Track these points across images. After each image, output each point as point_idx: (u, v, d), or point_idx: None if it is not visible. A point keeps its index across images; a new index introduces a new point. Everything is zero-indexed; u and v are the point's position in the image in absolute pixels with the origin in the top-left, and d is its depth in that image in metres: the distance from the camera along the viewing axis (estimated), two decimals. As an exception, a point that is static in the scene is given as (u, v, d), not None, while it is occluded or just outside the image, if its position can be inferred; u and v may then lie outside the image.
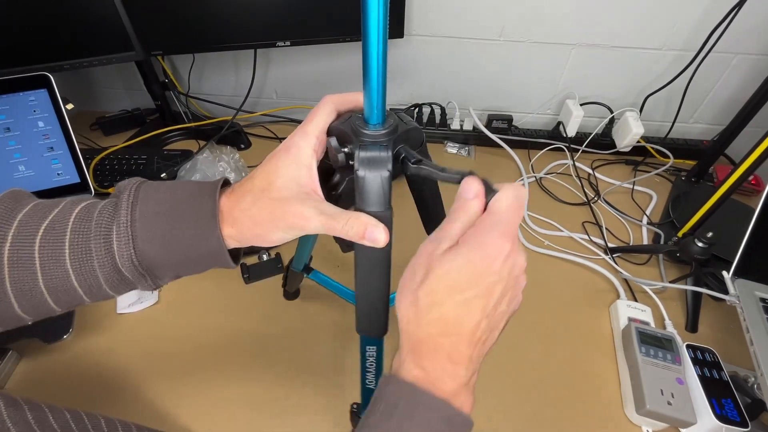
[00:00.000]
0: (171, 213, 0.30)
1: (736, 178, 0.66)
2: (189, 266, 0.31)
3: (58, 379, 0.60)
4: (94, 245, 0.29)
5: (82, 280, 0.29)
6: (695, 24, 0.86)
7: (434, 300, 0.27)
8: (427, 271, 0.27)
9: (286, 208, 0.29)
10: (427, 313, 0.27)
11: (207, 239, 0.30)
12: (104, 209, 0.30)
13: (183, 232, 0.29)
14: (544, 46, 0.93)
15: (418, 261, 0.28)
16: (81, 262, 0.29)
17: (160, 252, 0.29)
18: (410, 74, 1.00)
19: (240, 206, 0.30)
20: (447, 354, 0.27)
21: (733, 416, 0.53)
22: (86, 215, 0.30)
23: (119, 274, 0.30)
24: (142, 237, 0.29)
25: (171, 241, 0.29)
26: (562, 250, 0.79)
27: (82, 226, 0.29)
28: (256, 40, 0.85)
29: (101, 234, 0.29)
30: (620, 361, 0.63)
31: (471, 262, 0.27)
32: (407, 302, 0.28)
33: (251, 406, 0.58)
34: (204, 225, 0.29)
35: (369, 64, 0.27)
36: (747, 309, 0.60)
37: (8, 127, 0.70)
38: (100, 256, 0.29)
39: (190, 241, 0.30)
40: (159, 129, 0.98)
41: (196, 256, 0.30)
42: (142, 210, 0.29)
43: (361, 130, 0.30)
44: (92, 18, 0.76)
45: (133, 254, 0.29)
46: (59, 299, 0.30)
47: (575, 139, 0.99)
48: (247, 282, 0.71)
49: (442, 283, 0.27)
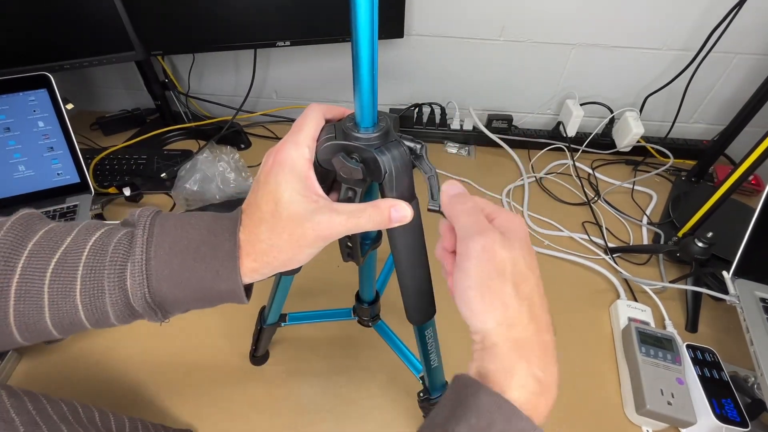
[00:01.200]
0: (188, 252, 0.29)
1: (736, 178, 0.66)
2: (201, 303, 0.30)
3: (58, 379, 0.60)
4: (108, 283, 0.28)
5: (89, 315, 0.28)
6: (695, 24, 0.86)
7: (522, 293, 0.26)
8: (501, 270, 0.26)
9: (305, 225, 0.28)
10: (524, 310, 0.26)
11: (225, 280, 0.29)
12: (119, 244, 0.29)
13: (201, 273, 0.28)
14: (544, 46, 0.93)
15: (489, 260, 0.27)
16: (92, 298, 0.28)
17: (174, 290, 0.29)
18: (410, 74, 1.00)
19: (259, 238, 0.29)
20: (552, 350, 0.27)
21: (733, 416, 0.53)
22: (101, 249, 0.29)
23: (130, 309, 0.29)
24: (158, 276, 0.28)
25: (188, 281, 0.28)
26: (562, 250, 0.79)
27: (96, 261, 0.28)
28: (256, 40, 0.85)
29: (115, 272, 0.28)
30: (620, 361, 0.63)
31: (524, 243, 0.28)
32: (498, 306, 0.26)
33: (251, 406, 0.58)
34: (223, 266, 0.28)
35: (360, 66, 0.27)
36: (747, 309, 0.60)
37: (8, 127, 0.70)
38: (113, 294, 0.28)
39: (208, 282, 0.29)
40: (159, 129, 0.98)
41: (211, 295, 0.29)
42: (158, 247, 0.28)
43: (353, 134, 0.30)
44: (92, 18, 0.76)
45: (146, 292, 0.28)
46: (63, 329, 0.29)
47: (575, 139, 0.99)
48: (247, 282, 0.71)
49: (519, 273, 0.27)
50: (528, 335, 0.26)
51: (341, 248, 0.40)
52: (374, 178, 0.31)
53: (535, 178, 0.95)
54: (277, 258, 0.29)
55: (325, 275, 0.73)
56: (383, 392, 0.60)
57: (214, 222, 0.30)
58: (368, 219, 0.28)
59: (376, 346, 0.63)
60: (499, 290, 0.26)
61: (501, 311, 0.26)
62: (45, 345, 0.61)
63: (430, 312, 0.40)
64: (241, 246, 0.29)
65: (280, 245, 0.28)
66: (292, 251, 0.29)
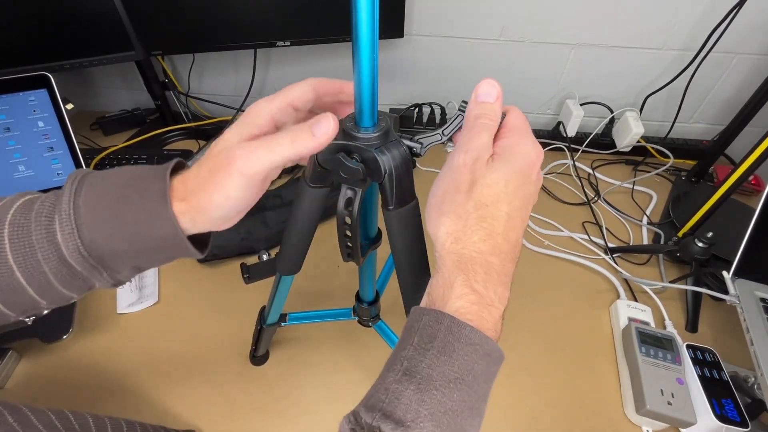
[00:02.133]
0: (117, 197, 0.27)
1: (736, 178, 0.66)
2: (146, 255, 0.28)
3: (58, 379, 0.60)
4: (36, 237, 0.26)
5: (29, 277, 0.27)
6: (695, 24, 0.86)
7: (483, 214, 0.26)
8: (472, 182, 0.26)
9: (223, 154, 0.27)
10: (478, 228, 0.26)
11: (158, 221, 0.27)
12: (45, 200, 0.27)
13: (130, 216, 0.27)
14: (544, 46, 0.93)
15: (458, 173, 0.27)
16: (24, 256, 0.26)
17: (109, 240, 0.27)
18: (410, 74, 1.00)
19: (188, 177, 0.28)
20: (497, 274, 0.26)
21: (733, 416, 0.53)
22: (26, 208, 0.27)
23: (69, 269, 0.27)
24: (88, 225, 0.26)
25: (119, 227, 0.27)
26: (563, 250, 0.79)
27: (22, 219, 0.27)
28: (256, 40, 0.85)
29: (42, 224, 0.26)
30: (620, 361, 0.63)
31: (516, 171, 0.26)
32: (452, 218, 0.26)
33: (251, 406, 0.58)
34: (152, 205, 0.27)
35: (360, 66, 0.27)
36: (747, 309, 0.60)
37: (8, 127, 0.70)
38: (43, 248, 0.26)
39: (140, 226, 0.27)
40: (159, 129, 0.98)
41: (150, 242, 0.27)
42: (87, 197, 0.27)
43: (353, 133, 0.30)
44: (92, 18, 0.76)
45: (79, 244, 0.26)
46: (8, 300, 0.28)
47: (575, 139, 0.99)
48: (247, 282, 0.71)
49: (490, 194, 0.26)
50: (472, 254, 0.26)
51: (341, 248, 0.40)
52: (374, 178, 0.31)
53: (535, 178, 0.95)
54: (197, 196, 0.27)
55: (325, 275, 0.73)
56: (383, 392, 0.60)
57: (146, 169, 0.28)
58: (289, 142, 0.27)
59: (376, 346, 0.63)
60: (459, 203, 0.26)
61: (452, 223, 0.26)
62: (45, 345, 0.61)
63: None
64: (173, 187, 0.27)
65: (202, 178, 0.27)
66: (211, 188, 0.27)
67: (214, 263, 0.75)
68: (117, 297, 0.68)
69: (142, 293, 0.69)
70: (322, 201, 0.36)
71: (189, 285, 0.71)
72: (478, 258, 0.26)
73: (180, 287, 0.71)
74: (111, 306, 0.67)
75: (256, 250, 0.74)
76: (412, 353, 0.24)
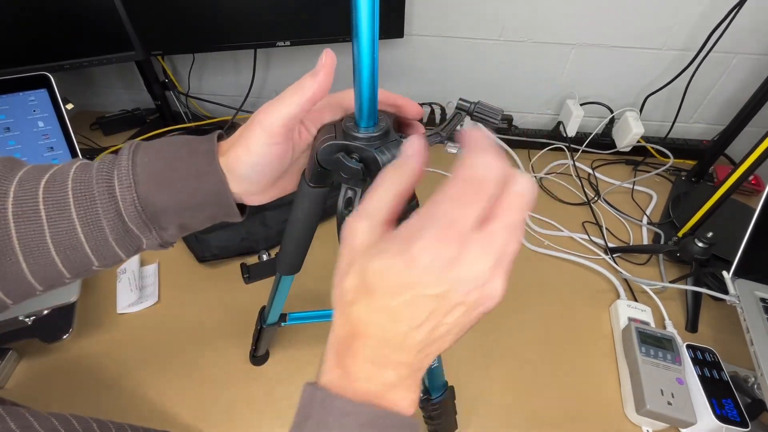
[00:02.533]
0: (170, 155, 0.30)
1: (736, 178, 0.66)
2: (192, 212, 0.31)
3: (58, 379, 0.60)
4: (98, 191, 0.29)
5: (87, 232, 0.29)
6: (695, 24, 0.86)
7: (349, 299, 0.23)
8: (349, 262, 0.24)
9: (253, 116, 0.30)
10: (346, 312, 0.24)
11: (206, 176, 0.30)
12: (104, 160, 0.30)
13: (182, 171, 0.30)
14: (544, 46, 0.93)
15: (342, 248, 0.25)
16: (86, 210, 0.29)
17: (161, 193, 0.29)
18: (410, 74, 1.00)
19: (227, 141, 0.31)
20: (368, 357, 0.24)
21: (733, 416, 0.53)
22: (86, 167, 0.30)
23: (123, 224, 0.29)
24: (143, 180, 0.29)
25: (171, 182, 0.29)
26: (562, 250, 0.79)
27: (84, 175, 0.29)
28: (256, 40, 0.85)
29: (103, 179, 0.29)
30: (620, 361, 0.63)
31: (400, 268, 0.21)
32: (334, 293, 0.25)
33: (251, 406, 0.58)
34: (200, 161, 0.30)
35: (360, 66, 0.27)
36: (747, 309, 0.60)
37: (8, 127, 0.70)
38: (104, 201, 0.29)
39: (190, 180, 0.30)
40: (159, 129, 0.98)
41: (198, 197, 0.30)
42: (143, 156, 0.30)
43: (353, 133, 0.30)
44: (92, 18, 0.76)
45: (135, 198, 0.29)
46: (67, 258, 0.30)
47: (575, 139, 0.99)
48: (247, 282, 0.71)
49: (360, 281, 0.23)
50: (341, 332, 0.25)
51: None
52: (374, 178, 0.31)
53: (535, 178, 0.95)
54: (230, 156, 0.30)
55: (326, 275, 0.72)
56: (383, 392, 0.60)
57: (194, 136, 0.32)
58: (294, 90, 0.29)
59: (376, 346, 0.63)
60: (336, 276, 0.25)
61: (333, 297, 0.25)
62: (45, 345, 0.61)
63: None
64: (220, 148, 0.31)
65: (233, 140, 0.31)
66: (238, 143, 0.30)
67: (214, 263, 0.75)
68: (117, 297, 0.68)
69: (142, 293, 0.69)
70: (322, 201, 0.36)
71: (189, 285, 0.71)
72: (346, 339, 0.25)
73: (180, 287, 0.71)
74: (111, 306, 0.68)
75: (256, 250, 0.74)
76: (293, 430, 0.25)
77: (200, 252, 0.73)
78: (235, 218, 0.33)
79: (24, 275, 0.29)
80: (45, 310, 0.60)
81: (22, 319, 0.58)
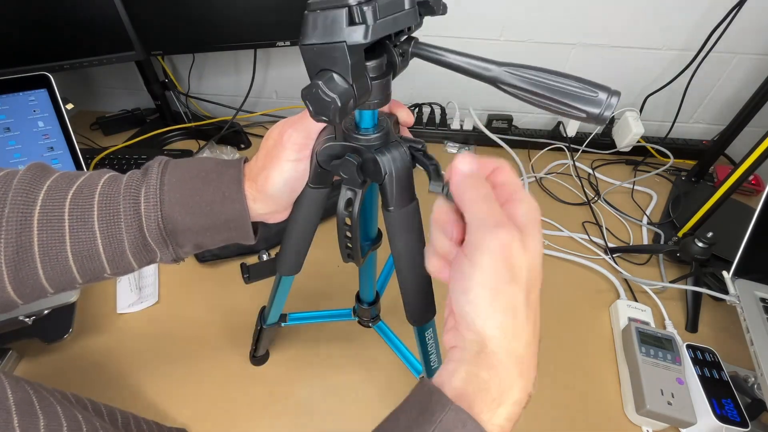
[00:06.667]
0: (199, 179, 0.31)
1: (736, 178, 0.67)
2: (211, 233, 0.32)
3: (58, 379, 0.60)
4: (123, 207, 0.30)
5: (107, 244, 0.30)
6: (695, 24, 0.86)
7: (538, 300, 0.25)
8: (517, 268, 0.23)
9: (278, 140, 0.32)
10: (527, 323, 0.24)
11: (231, 202, 0.31)
12: (133, 175, 0.31)
13: (208, 195, 0.31)
14: (544, 46, 0.93)
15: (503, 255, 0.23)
16: (108, 223, 0.30)
17: (185, 215, 0.31)
18: (410, 74, 0.99)
19: (255, 166, 0.33)
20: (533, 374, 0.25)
21: (733, 416, 0.53)
22: (114, 181, 0.31)
23: (144, 239, 0.30)
24: (169, 200, 0.30)
25: (197, 205, 0.31)
26: (562, 250, 0.79)
27: (111, 189, 0.30)
28: (256, 40, 0.85)
29: (130, 195, 0.30)
30: (620, 361, 0.63)
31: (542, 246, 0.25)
32: (499, 307, 0.23)
33: (251, 406, 0.58)
34: (227, 187, 0.31)
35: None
36: (747, 309, 0.60)
37: (8, 127, 0.70)
38: (128, 217, 0.30)
39: (215, 205, 0.31)
40: (159, 129, 0.98)
41: (219, 220, 0.32)
42: (171, 177, 0.31)
43: (354, 134, 0.30)
44: (92, 18, 0.76)
45: (159, 217, 0.30)
46: (83, 266, 0.30)
47: (575, 139, 0.99)
48: (247, 282, 0.71)
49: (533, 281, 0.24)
50: (526, 351, 0.24)
51: (341, 249, 0.40)
52: (374, 179, 0.31)
53: (535, 178, 0.95)
54: (260, 177, 0.32)
55: (326, 276, 0.73)
56: (383, 393, 0.60)
57: (222, 160, 0.34)
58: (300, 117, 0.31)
59: (376, 346, 0.63)
60: (512, 296, 0.23)
61: (510, 319, 0.24)
62: (45, 345, 0.61)
63: (430, 313, 0.40)
64: (245, 173, 0.32)
65: (261, 162, 0.32)
66: (270, 164, 0.32)
67: (214, 263, 0.75)
68: (117, 297, 0.68)
69: (142, 293, 0.69)
70: (322, 201, 0.36)
71: (189, 285, 0.71)
72: (529, 355, 0.25)
73: (180, 287, 0.71)
74: (111, 306, 0.68)
75: (256, 250, 0.74)
76: None
77: (200, 252, 0.73)
78: (249, 241, 0.34)
79: (39, 279, 0.30)
80: (45, 310, 0.60)
81: (22, 319, 0.58)
